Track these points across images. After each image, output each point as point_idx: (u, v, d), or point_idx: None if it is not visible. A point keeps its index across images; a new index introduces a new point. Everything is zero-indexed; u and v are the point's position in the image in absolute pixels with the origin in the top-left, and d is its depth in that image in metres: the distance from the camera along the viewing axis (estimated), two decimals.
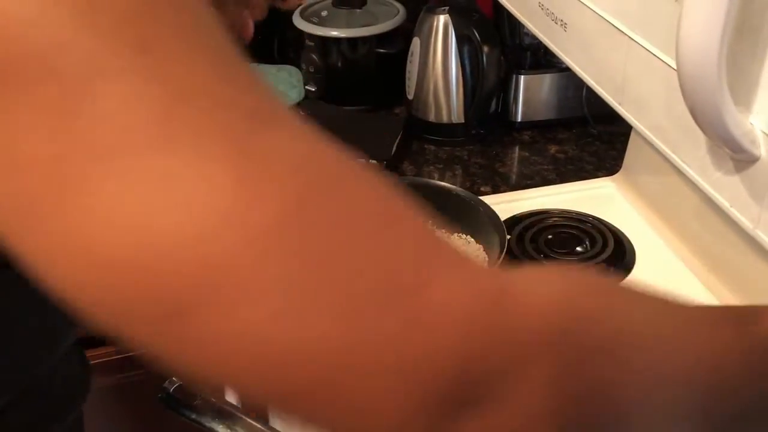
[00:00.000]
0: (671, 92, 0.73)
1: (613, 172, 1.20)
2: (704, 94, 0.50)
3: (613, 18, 0.81)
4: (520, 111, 1.34)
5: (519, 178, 1.23)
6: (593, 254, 1.00)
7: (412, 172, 1.26)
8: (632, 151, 1.13)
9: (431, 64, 1.28)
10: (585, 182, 1.20)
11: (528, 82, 1.32)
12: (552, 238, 1.04)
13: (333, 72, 1.41)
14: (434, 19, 1.26)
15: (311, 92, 1.43)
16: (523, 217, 1.08)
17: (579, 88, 1.31)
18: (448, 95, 1.29)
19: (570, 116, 1.35)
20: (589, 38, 0.88)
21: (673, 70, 0.71)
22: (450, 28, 1.24)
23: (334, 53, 1.40)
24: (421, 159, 1.30)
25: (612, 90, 0.87)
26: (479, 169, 1.26)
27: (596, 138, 1.33)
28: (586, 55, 0.91)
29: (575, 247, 1.02)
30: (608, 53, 0.85)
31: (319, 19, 1.43)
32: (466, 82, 1.27)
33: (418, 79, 1.30)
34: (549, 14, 0.94)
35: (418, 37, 1.29)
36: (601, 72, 0.89)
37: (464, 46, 1.25)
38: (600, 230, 1.04)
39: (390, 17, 1.41)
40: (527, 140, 1.34)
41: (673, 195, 1.01)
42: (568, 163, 1.27)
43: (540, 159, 1.28)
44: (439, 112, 1.31)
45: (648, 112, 0.83)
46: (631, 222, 1.07)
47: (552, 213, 1.09)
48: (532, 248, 1.02)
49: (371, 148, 1.26)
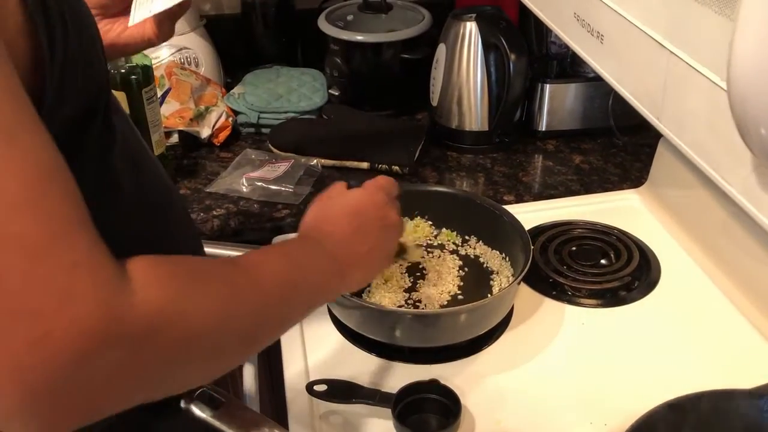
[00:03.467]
0: (715, 109, 0.72)
1: (638, 184, 1.19)
2: (757, 114, 0.49)
3: (653, 32, 0.80)
4: (544, 120, 1.34)
5: (542, 188, 1.22)
6: (618, 267, 0.99)
7: (434, 178, 1.25)
8: (658, 164, 1.12)
9: (456, 71, 1.27)
10: (610, 194, 1.18)
11: (553, 91, 1.31)
12: (576, 249, 1.03)
13: (357, 76, 1.41)
14: (461, 25, 1.25)
15: (334, 96, 1.43)
16: (547, 227, 1.08)
17: (605, 99, 1.30)
18: (473, 103, 1.28)
19: (595, 126, 1.34)
20: (628, 51, 0.87)
21: (717, 86, 0.69)
22: (477, 35, 1.24)
23: (358, 58, 1.40)
24: (444, 166, 1.29)
25: (650, 104, 0.86)
26: (502, 177, 1.25)
27: (621, 149, 1.32)
28: (624, 68, 0.90)
29: (600, 260, 1.01)
30: (647, 67, 0.83)
31: (344, 23, 1.43)
32: (491, 90, 1.26)
33: (443, 86, 1.29)
34: (585, 25, 0.93)
35: (443, 43, 1.28)
36: (639, 85, 0.88)
37: (491, 54, 1.24)
38: (625, 243, 1.03)
39: (415, 23, 1.41)
40: (551, 150, 1.33)
41: (700, 209, 1.00)
42: (592, 173, 1.26)
43: (564, 169, 1.27)
44: (463, 120, 1.30)
45: (688, 128, 0.81)
46: (656, 235, 1.06)
47: (576, 224, 1.08)
48: (556, 259, 1.01)
49: (393, 154, 1.26)
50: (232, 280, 0.50)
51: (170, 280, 0.43)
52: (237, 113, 1.37)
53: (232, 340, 0.49)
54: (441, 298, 0.93)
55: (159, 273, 0.43)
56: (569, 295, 0.96)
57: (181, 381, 0.47)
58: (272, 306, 0.54)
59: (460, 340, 0.87)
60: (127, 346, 0.39)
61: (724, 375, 0.82)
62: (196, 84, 1.36)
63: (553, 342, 0.89)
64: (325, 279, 0.63)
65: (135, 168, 0.59)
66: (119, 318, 0.39)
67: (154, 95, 1.15)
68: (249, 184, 1.19)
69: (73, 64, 0.49)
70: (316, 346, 0.89)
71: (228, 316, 0.48)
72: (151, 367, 0.41)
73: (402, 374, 0.84)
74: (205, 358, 0.47)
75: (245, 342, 0.52)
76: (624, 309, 0.94)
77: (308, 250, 0.63)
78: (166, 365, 0.43)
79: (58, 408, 0.38)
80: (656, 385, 0.81)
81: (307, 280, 0.60)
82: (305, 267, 0.60)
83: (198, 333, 0.44)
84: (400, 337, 0.85)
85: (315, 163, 1.24)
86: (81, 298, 0.37)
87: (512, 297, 0.91)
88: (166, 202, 0.67)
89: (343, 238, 0.67)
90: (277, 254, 0.60)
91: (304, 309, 0.61)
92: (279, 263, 0.57)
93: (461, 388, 0.80)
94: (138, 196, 0.60)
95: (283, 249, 0.63)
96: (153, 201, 0.63)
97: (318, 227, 0.68)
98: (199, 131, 1.30)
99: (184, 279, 0.45)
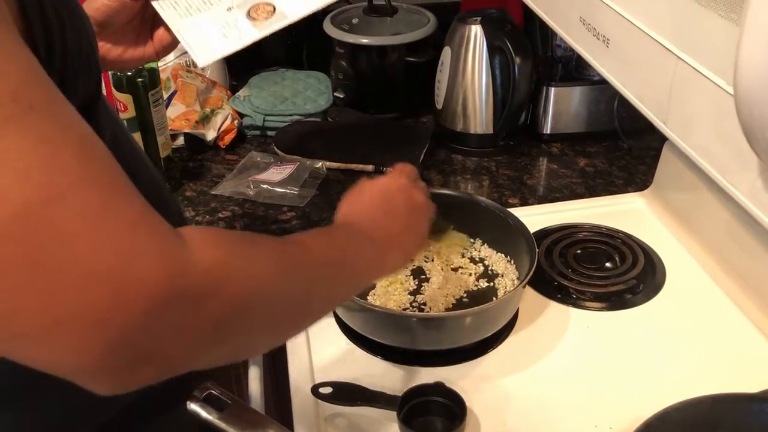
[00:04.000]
0: (721, 113, 0.72)
1: (643, 187, 1.19)
2: (764, 118, 0.49)
3: (660, 36, 0.80)
4: (549, 123, 1.34)
5: (547, 191, 1.22)
6: (623, 271, 0.99)
7: (439, 181, 1.25)
8: (663, 167, 1.12)
9: (461, 74, 1.27)
10: (615, 197, 1.19)
11: (558, 94, 1.31)
12: (581, 252, 1.03)
13: (362, 79, 1.41)
14: (466, 29, 1.25)
15: (339, 99, 1.43)
16: (552, 230, 1.08)
17: (610, 102, 1.30)
18: (478, 105, 1.28)
19: (600, 129, 1.34)
20: (634, 55, 0.87)
21: (724, 90, 0.69)
22: (482, 38, 1.24)
23: (363, 61, 1.40)
24: (449, 168, 1.29)
25: (656, 108, 0.86)
26: (507, 180, 1.25)
27: (626, 152, 1.32)
28: (629, 71, 0.90)
29: (605, 263, 1.01)
30: (653, 71, 0.83)
31: (349, 26, 1.43)
32: (496, 92, 1.26)
33: (448, 89, 1.29)
34: (590, 29, 0.93)
35: (448, 46, 1.28)
36: (645, 89, 0.88)
37: (496, 57, 1.24)
38: (630, 246, 1.03)
39: (420, 26, 1.41)
40: (556, 153, 1.33)
41: (705, 212, 1.00)
42: (597, 176, 1.26)
43: (569, 172, 1.27)
44: (468, 122, 1.30)
45: (694, 132, 0.81)
46: (661, 238, 1.06)
47: (581, 227, 1.08)
48: (560, 262, 1.01)
49: (398, 156, 1.25)
50: (282, 249, 0.52)
51: (224, 242, 0.45)
52: (242, 116, 1.38)
53: (287, 303, 0.51)
54: (446, 301, 0.93)
55: (212, 235, 0.45)
56: (574, 299, 0.96)
57: (245, 342, 0.48)
58: (321, 279, 0.56)
59: (466, 343, 0.87)
60: (192, 300, 0.41)
61: (728, 378, 0.82)
62: (201, 87, 1.37)
63: (558, 345, 0.89)
64: (368, 261, 0.66)
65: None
66: (182, 273, 0.40)
67: (160, 98, 1.16)
68: (254, 186, 1.19)
69: (71, 63, 0.50)
70: (322, 348, 0.89)
71: (283, 279, 0.50)
72: (214, 322, 0.43)
73: (407, 377, 0.84)
74: (263, 319, 0.48)
75: (300, 309, 0.54)
76: (629, 312, 0.94)
77: (349, 235, 0.66)
78: (229, 321, 0.44)
79: (133, 362, 0.40)
80: (661, 389, 0.81)
81: (351, 261, 0.62)
82: (348, 249, 0.63)
83: (256, 290, 0.46)
84: (405, 340, 0.85)
85: (320, 166, 1.24)
86: (144, 255, 0.39)
87: (517, 300, 0.91)
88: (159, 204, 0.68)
89: (377, 222, 0.70)
90: (321, 236, 0.62)
91: (349, 289, 0.65)
92: (325, 243, 0.59)
93: (466, 390, 0.80)
94: None
95: (326, 231, 0.66)
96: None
97: (352, 215, 0.71)
98: (204, 134, 1.31)
99: (237, 242, 0.47)
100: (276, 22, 0.89)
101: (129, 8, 0.83)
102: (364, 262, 0.65)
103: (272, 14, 0.88)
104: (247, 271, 0.45)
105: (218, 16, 0.88)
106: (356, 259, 0.63)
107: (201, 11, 0.87)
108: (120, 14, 0.82)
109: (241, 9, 0.88)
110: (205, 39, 0.86)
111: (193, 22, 0.86)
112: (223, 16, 0.87)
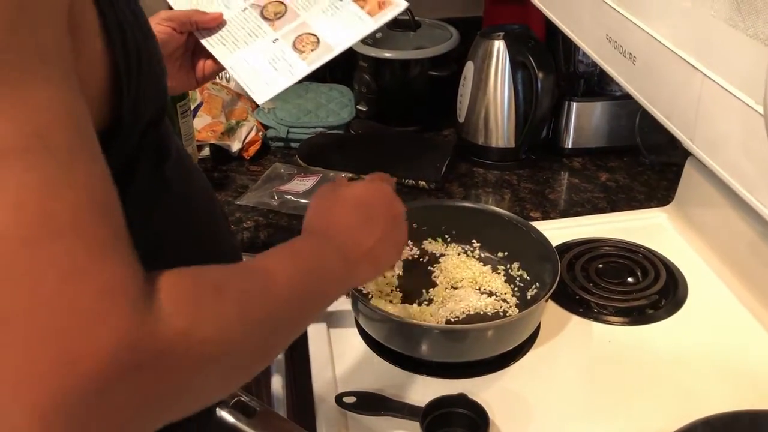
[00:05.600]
0: (750, 132, 0.72)
1: (665, 202, 1.19)
2: None
3: (687, 55, 0.80)
4: (571, 137, 1.34)
5: (569, 205, 1.23)
6: (645, 286, 0.99)
7: (460, 194, 1.26)
8: (685, 183, 1.12)
9: (483, 88, 1.28)
10: (636, 212, 1.19)
11: (580, 109, 1.32)
12: (603, 267, 1.03)
13: (385, 93, 1.43)
14: (489, 44, 1.27)
15: (362, 112, 1.45)
16: (574, 244, 1.08)
17: (632, 117, 1.31)
18: (500, 119, 1.29)
19: (621, 145, 1.34)
20: (661, 73, 0.88)
21: (752, 108, 0.70)
22: (505, 53, 1.25)
23: (386, 74, 1.42)
24: (470, 182, 1.30)
25: (683, 125, 0.86)
26: (529, 194, 1.26)
27: (648, 168, 1.32)
28: (656, 89, 0.91)
29: (626, 278, 1.01)
30: (681, 89, 0.84)
31: (373, 40, 1.45)
32: (518, 107, 1.27)
33: (470, 103, 1.31)
34: (617, 47, 0.94)
35: (471, 61, 1.30)
36: (672, 107, 0.88)
37: (518, 72, 1.25)
38: (652, 262, 1.03)
39: (443, 41, 1.43)
40: (577, 167, 1.33)
41: (728, 229, 1.00)
42: (619, 191, 1.26)
43: (590, 186, 1.28)
44: (489, 136, 1.31)
45: (722, 150, 0.81)
46: (683, 254, 1.06)
47: (603, 242, 1.08)
48: (582, 276, 1.01)
49: (420, 170, 1.27)
50: (247, 289, 0.50)
51: (192, 303, 0.44)
52: (267, 128, 1.39)
53: (248, 353, 0.50)
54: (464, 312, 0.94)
55: (182, 294, 0.44)
56: (596, 313, 0.96)
57: (202, 398, 0.47)
58: (286, 315, 0.55)
59: (488, 356, 0.87)
60: (147, 372, 0.40)
61: (751, 395, 0.82)
62: (227, 99, 1.39)
63: (580, 359, 0.90)
64: (336, 279, 0.63)
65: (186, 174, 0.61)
66: (142, 347, 0.39)
67: (188, 109, 1.18)
68: (278, 197, 1.21)
69: (145, 85, 0.51)
70: (344, 357, 0.90)
71: (247, 330, 0.49)
72: (171, 390, 0.42)
73: (429, 388, 0.84)
74: (223, 375, 0.48)
75: (261, 353, 0.53)
76: (651, 327, 0.94)
77: (317, 250, 0.63)
78: (186, 387, 0.43)
79: (78, 427, 0.38)
80: (681, 405, 0.81)
81: (318, 282, 0.60)
82: (315, 270, 0.60)
83: (217, 354, 0.45)
84: (427, 351, 0.86)
85: (342, 177, 1.26)
86: (106, 324, 0.38)
87: (539, 314, 0.91)
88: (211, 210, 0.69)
89: (350, 231, 0.66)
90: (289, 258, 0.59)
91: (315, 311, 0.61)
92: (290, 268, 0.57)
93: (488, 402, 0.80)
94: (187, 200, 0.61)
95: (294, 249, 0.62)
96: (197, 207, 0.65)
97: (324, 220, 0.68)
98: (229, 145, 1.32)
99: (205, 299, 0.46)
100: (324, 54, 0.91)
101: (175, 39, 0.86)
102: (332, 282, 0.62)
103: (317, 45, 0.90)
104: (210, 336, 0.44)
105: (265, 48, 0.90)
106: (323, 280, 0.61)
107: (248, 44, 0.90)
108: (167, 45, 0.84)
109: (286, 40, 0.90)
110: (258, 74, 0.88)
111: (243, 56, 0.89)
112: (270, 49, 0.90)
